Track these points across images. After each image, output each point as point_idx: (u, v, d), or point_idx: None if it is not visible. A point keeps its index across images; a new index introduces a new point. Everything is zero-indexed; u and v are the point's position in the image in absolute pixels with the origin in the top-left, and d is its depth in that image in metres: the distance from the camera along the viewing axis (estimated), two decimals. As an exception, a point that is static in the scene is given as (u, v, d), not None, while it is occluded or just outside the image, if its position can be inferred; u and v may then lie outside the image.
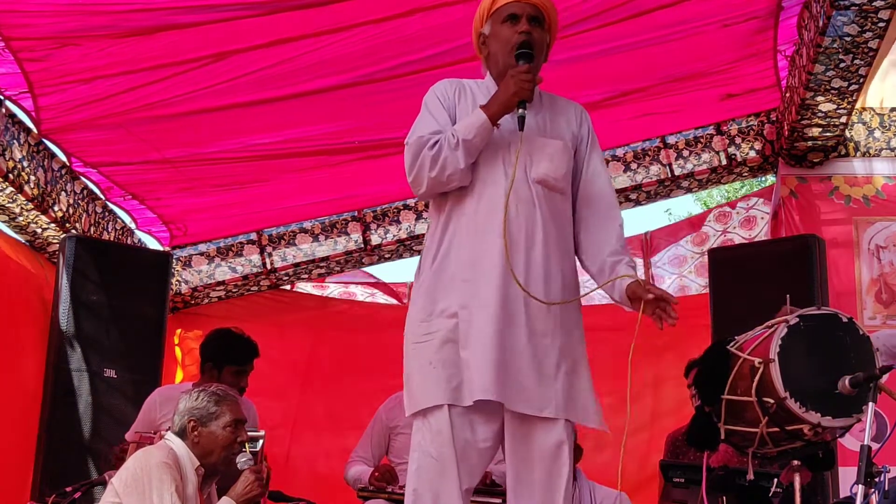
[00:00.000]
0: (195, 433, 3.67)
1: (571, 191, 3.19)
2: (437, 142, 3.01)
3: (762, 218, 6.67)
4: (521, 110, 3.02)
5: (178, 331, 6.66)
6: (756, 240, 6.67)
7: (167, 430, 3.80)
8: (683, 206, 21.59)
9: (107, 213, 6.16)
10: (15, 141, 5.11)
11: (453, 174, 3.01)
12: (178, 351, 6.64)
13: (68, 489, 4.24)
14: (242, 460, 3.70)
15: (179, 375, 6.55)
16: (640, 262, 7.09)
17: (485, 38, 3.23)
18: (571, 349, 3.08)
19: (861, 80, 5.33)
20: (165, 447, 3.62)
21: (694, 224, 7.12)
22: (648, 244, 7.08)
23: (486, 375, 2.92)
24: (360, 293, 7.28)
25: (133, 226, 6.45)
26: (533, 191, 3.06)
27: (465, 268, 3.03)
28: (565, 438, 3.01)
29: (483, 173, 3.07)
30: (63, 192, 5.61)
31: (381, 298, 7.27)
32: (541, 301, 2.99)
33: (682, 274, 6.90)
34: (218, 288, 6.75)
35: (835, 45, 5.02)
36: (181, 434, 3.68)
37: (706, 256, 6.19)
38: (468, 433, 2.96)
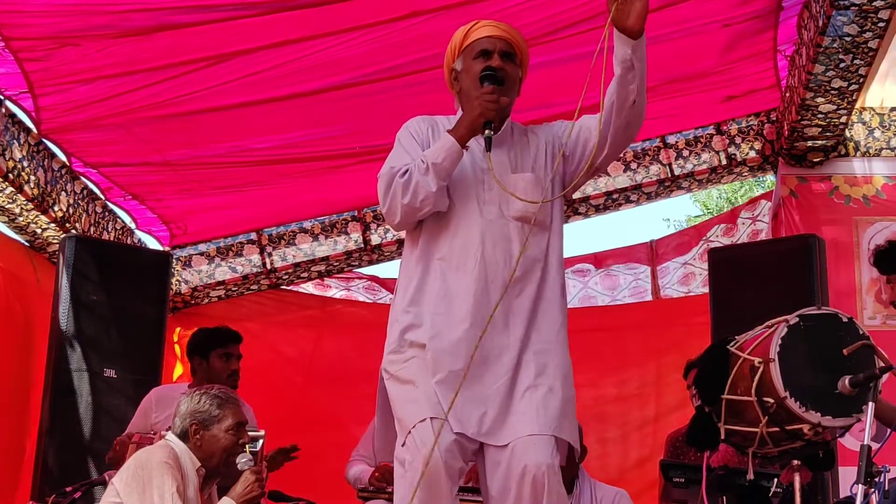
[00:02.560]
0: (197, 436, 3.65)
1: (581, 141, 3.14)
2: (407, 170, 3.01)
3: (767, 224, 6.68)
4: (487, 131, 3.01)
5: (178, 329, 6.67)
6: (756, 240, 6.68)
7: (167, 431, 3.79)
8: (682, 209, 21.61)
9: (107, 213, 6.16)
10: (15, 141, 5.12)
11: (426, 199, 2.99)
12: (177, 348, 6.64)
13: (68, 489, 4.24)
14: (243, 461, 3.68)
15: (178, 370, 6.56)
16: (646, 269, 7.08)
17: (457, 74, 3.21)
18: (553, 372, 3.03)
19: (861, 80, 5.33)
20: (167, 447, 3.61)
21: (701, 232, 7.11)
22: (654, 252, 7.08)
23: (467, 414, 2.91)
24: (361, 295, 7.27)
25: (133, 226, 6.45)
26: (511, 227, 3.05)
27: (439, 302, 3.02)
28: (548, 457, 2.92)
29: (457, 209, 3.06)
30: (63, 192, 5.61)
31: (383, 297, 7.26)
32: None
33: (690, 290, 6.91)
34: (218, 288, 6.75)
35: (835, 45, 5.02)
36: (182, 436, 3.66)
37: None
38: (451, 441, 2.92)
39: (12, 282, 5.58)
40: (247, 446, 3.74)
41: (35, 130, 5.24)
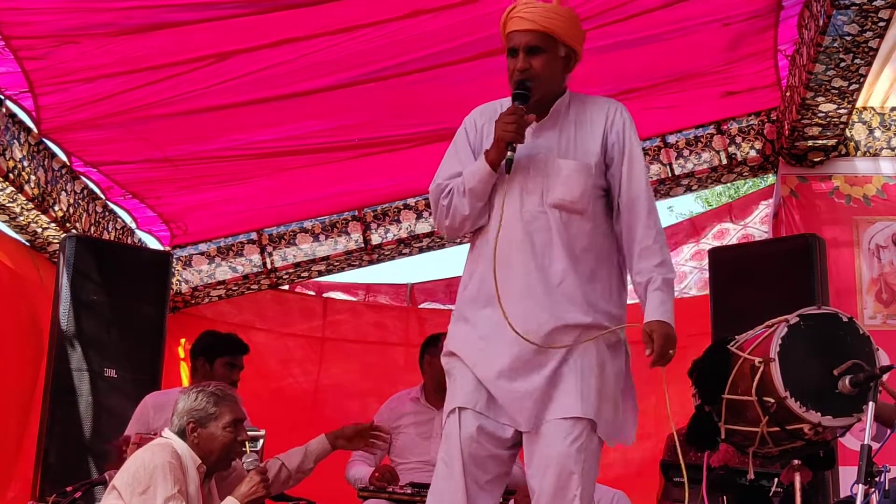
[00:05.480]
0: (195, 434, 3.63)
1: (615, 198, 3.11)
2: (450, 190, 3.09)
3: (761, 232, 6.68)
4: (510, 153, 3.01)
5: (183, 340, 6.63)
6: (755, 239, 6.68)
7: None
8: (685, 204, 21.61)
9: (107, 213, 6.16)
10: (15, 140, 5.11)
11: (464, 220, 3.10)
12: (182, 366, 6.60)
13: (68, 489, 4.24)
14: (248, 461, 3.68)
15: (185, 380, 6.54)
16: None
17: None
18: (593, 360, 3.06)
19: (861, 80, 5.32)
20: (168, 446, 3.59)
21: (696, 226, 7.10)
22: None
23: (507, 404, 3.00)
24: (363, 294, 7.27)
25: (133, 225, 6.44)
26: (550, 217, 3.04)
27: (486, 300, 3.06)
28: (578, 435, 2.98)
29: (505, 201, 3.07)
30: (63, 192, 5.61)
31: (384, 300, 7.27)
32: (532, 342, 3.00)
33: (682, 290, 6.90)
34: (218, 287, 6.75)
35: (835, 45, 5.01)
36: (181, 434, 3.65)
37: (705, 273, 6.18)
38: (474, 429, 2.98)
39: (15, 279, 5.57)
40: (247, 445, 3.73)
41: (35, 130, 5.24)
